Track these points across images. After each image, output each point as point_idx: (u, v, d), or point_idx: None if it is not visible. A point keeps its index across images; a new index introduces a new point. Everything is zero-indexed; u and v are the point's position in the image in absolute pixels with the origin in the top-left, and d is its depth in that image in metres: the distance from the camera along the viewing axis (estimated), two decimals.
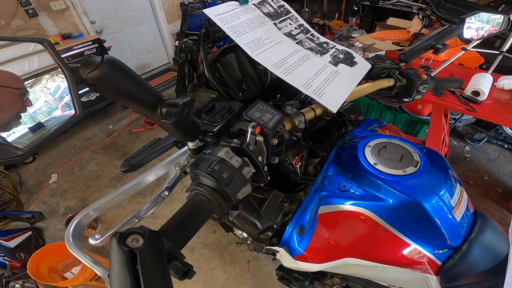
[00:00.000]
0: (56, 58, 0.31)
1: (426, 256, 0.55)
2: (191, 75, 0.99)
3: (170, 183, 0.47)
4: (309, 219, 0.53)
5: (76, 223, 0.42)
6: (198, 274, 1.71)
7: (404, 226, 0.54)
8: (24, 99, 0.33)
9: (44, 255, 1.49)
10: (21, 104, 0.33)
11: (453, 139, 2.53)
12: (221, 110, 0.44)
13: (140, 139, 3.00)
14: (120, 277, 0.19)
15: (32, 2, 2.93)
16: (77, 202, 2.31)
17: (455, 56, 1.55)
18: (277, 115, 0.43)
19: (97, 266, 0.37)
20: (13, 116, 0.33)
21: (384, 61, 0.68)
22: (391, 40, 2.75)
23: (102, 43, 3.11)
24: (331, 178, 0.59)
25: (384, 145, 0.59)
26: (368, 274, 0.65)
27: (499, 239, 0.55)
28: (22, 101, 0.33)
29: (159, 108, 0.32)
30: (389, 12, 3.83)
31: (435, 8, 2.41)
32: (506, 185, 2.09)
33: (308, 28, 0.68)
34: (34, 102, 0.34)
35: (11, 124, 0.33)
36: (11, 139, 0.33)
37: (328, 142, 0.77)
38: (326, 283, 0.85)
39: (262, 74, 1.02)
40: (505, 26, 0.88)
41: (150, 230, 0.22)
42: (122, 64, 0.29)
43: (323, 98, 0.52)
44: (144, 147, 0.60)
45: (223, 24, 0.54)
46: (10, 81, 0.32)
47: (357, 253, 0.57)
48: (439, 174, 0.55)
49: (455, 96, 1.47)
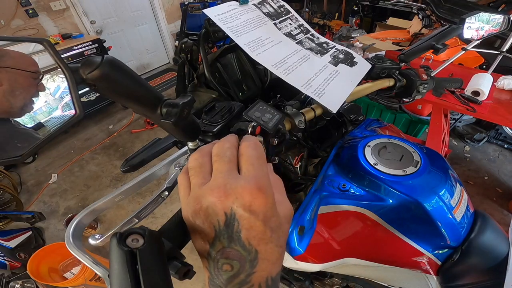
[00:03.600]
0: (56, 58, 0.31)
1: (426, 256, 0.55)
2: (191, 75, 0.99)
3: (170, 183, 0.47)
4: (309, 219, 0.53)
5: (76, 223, 0.42)
6: (198, 274, 1.70)
7: (404, 226, 0.54)
8: (38, 83, 0.32)
9: (44, 255, 1.49)
10: (35, 88, 0.32)
11: (453, 139, 2.53)
12: (221, 110, 0.44)
13: (140, 139, 3.00)
14: (120, 277, 0.19)
15: (32, 2, 2.93)
16: (77, 202, 2.31)
17: (455, 56, 1.55)
18: (277, 115, 0.43)
19: (97, 266, 0.37)
20: (27, 101, 0.32)
21: (384, 61, 0.68)
22: (391, 40, 2.75)
23: (102, 43, 3.12)
24: (331, 178, 0.59)
25: (384, 145, 0.59)
26: (368, 274, 0.65)
27: (499, 239, 0.55)
28: (36, 86, 0.32)
29: (159, 108, 0.32)
30: (389, 12, 3.83)
31: (435, 8, 2.41)
32: (506, 185, 2.09)
33: (308, 28, 0.68)
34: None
35: (25, 109, 0.32)
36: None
37: (328, 142, 0.77)
38: (326, 283, 0.85)
39: (262, 74, 1.02)
40: (505, 26, 0.88)
41: (150, 230, 0.22)
42: (122, 64, 0.29)
43: (323, 98, 0.52)
44: (144, 147, 0.60)
45: (223, 24, 0.54)
46: (26, 64, 0.31)
47: (357, 253, 0.57)
48: (439, 174, 0.55)
49: (455, 96, 1.47)
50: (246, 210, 0.22)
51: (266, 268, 0.23)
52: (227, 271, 0.22)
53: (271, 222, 0.24)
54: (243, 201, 0.23)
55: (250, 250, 0.22)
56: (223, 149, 0.27)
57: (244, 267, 0.22)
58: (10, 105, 0.31)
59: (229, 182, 0.24)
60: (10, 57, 0.31)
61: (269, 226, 0.23)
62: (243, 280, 0.22)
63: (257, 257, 0.23)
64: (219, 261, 0.23)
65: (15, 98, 0.31)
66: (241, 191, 0.23)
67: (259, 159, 0.26)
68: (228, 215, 0.23)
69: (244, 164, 0.26)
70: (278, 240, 0.24)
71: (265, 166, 0.26)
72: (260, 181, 0.24)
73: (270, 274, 0.23)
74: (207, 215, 0.23)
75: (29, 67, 0.32)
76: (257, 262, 0.22)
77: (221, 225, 0.23)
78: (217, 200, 0.23)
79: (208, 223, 0.23)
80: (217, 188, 0.23)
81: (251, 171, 0.25)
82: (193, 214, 0.25)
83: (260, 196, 0.23)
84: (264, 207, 0.23)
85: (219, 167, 0.26)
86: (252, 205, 0.23)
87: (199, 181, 0.25)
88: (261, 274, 0.23)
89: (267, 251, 0.23)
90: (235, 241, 0.22)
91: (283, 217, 0.26)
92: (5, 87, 0.30)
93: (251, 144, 0.28)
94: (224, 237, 0.23)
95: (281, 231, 0.25)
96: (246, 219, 0.23)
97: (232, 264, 0.22)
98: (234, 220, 0.23)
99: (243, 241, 0.22)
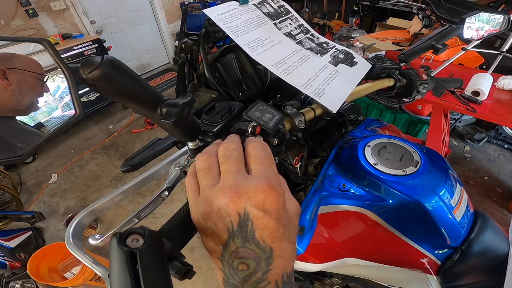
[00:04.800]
0: (56, 58, 0.32)
1: (426, 256, 0.55)
2: (191, 75, 0.99)
3: (170, 183, 0.47)
4: (309, 219, 0.53)
5: (76, 223, 0.42)
6: (198, 274, 1.71)
7: (404, 226, 0.54)
8: (43, 85, 0.35)
9: (44, 255, 1.49)
10: (41, 89, 0.35)
11: (453, 139, 2.53)
12: (221, 110, 0.44)
13: (140, 139, 3.00)
14: (120, 277, 0.19)
15: (32, 2, 2.93)
16: (77, 202, 2.31)
17: (455, 56, 1.55)
18: (277, 115, 0.43)
19: (97, 266, 0.37)
20: (33, 100, 0.35)
21: (384, 61, 0.68)
22: (391, 40, 2.75)
23: (102, 43, 3.12)
24: (331, 178, 0.59)
25: (384, 145, 0.59)
26: (368, 274, 0.65)
27: (499, 239, 0.55)
28: (42, 87, 0.35)
29: (159, 108, 0.32)
30: (389, 12, 3.84)
31: (435, 8, 2.41)
32: (506, 185, 2.09)
33: (308, 28, 0.68)
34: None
35: (31, 108, 0.35)
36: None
37: (328, 142, 0.77)
38: (326, 283, 0.85)
39: (262, 74, 1.02)
40: (505, 26, 0.88)
41: (150, 230, 0.22)
42: (122, 64, 0.29)
43: (323, 98, 0.52)
44: (144, 147, 0.60)
45: (223, 24, 0.54)
46: (33, 66, 0.34)
47: (357, 253, 0.57)
48: (439, 174, 0.55)
49: (455, 96, 1.47)
50: (260, 209, 0.23)
51: (281, 265, 0.23)
52: (243, 270, 0.22)
53: (283, 219, 0.24)
54: (256, 200, 0.23)
55: (265, 249, 0.23)
56: (229, 150, 0.27)
57: (260, 266, 0.22)
58: (18, 103, 0.33)
59: (240, 182, 0.24)
60: (19, 60, 0.34)
61: (281, 224, 0.24)
62: (260, 278, 0.22)
63: (272, 254, 0.23)
64: (234, 261, 0.23)
65: (23, 97, 0.33)
66: (253, 191, 0.23)
67: (267, 158, 0.27)
68: (242, 215, 0.23)
69: (253, 164, 0.26)
70: (290, 236, 0.25)
71: (274, 166, 0.27)
72: (271, 180, 0.24)
73: (285, 270, 0.24)
74: (219, 216, 0.23)
75: (35, 69, 0.34)
76: (272, 259, 0.23)
77: (235, 225, 0.23)
78: (229, 201, 0.23)
79: (221, 224, 0.23)
80: (228, 189, 0.24)
81: (261, 170, 0.25)
82: (204, 216, 0.25)
83: (273, 194, 0.23)
84: (276, 205, 0.24)
85: (227, 168, 0.26)
86: (265, 203, 0.23)
87: (209, 183, 0.26)
88: (277, 271, 0.23)
89: (281, 248, 0.23)
90: (250, 240, 0.23)
91: (292, 213, 0.26)
92: (14, 86, 0.32)
93: (258, 144, 0.28)
94: (238, 238, 0.23)
95: (292, 227, 0.25)
96: (260, 218, 0.23)
97: (248, 263, 0.22)
98: (248, 220, 0.23)
99: (257, 240, 0.23)
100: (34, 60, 0.34)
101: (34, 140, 0.34)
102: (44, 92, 0.35)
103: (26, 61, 0.34)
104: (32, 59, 0.34)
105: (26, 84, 0.33)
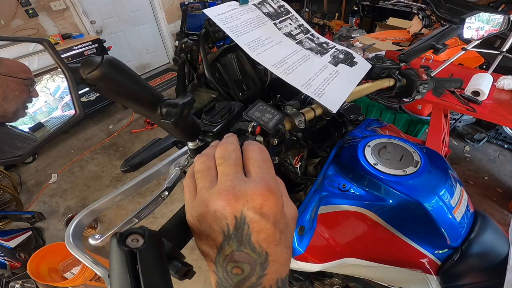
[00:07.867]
0: (56, 58, 0.31)
1: (426, 256, 0.55)
2: (191, 75, 0.99)
3: (170, 183, 0.47)
4: (309, 219, 0.53)
5: (76, 223, 0.42)
6: (198, 274, 1.71)
7: (404, 226, 0.54)
8: (30, 89, 0.33)
9: (44, 255, 1.49)
10: (27, 94, 0.33)
11: (453, 139, 2.53)
12: (221, 110, 0.44)
13: (140, 139, 3.00)
14: (120, 277, 0.19)
15: (32, 2, 2.93)
16: (77, 202, 2.31)
17: (455, 56, 1.55)
18: (277, 115, 0.43)
19: (97, 266, 0.37)
20: (19, 106, 0.33)
21: (384, 61, 0.68)
22: (391, 40, 2.75)
23: (102, 43, 3.12)
24: (331, 178, 0.59)
25: (384, 145, 0.59)
26: (368, 274, 0.65)
27: (499, 239, 0.55)
28: (28, 92, 0.33)
29: (159, 108, 0.32)
30: (389, 12, 3.84)
31: (435, 8, 2.41)
32: (506, 185, 2.09)
33: (308, 28, 0.68)
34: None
35: (18, 114, 0.33)
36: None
37: (328, 142, 0.77)
38: (326, 283, 0.85)
39: (262, 74, 1.02)
40: (505, 26, 0.88)
41: (150, 230, 0.22)
42: (122, 64, 0.29)
43: (323, 98, 0.52)
44: (144, 147, 0.60)
45: (223, 24, 0.54)
46: (18, 71, 0.33)
47: (357, 253, 0.57)
48: (439, 174, 0.55)
49: (455, 96, 1.47)
50: (257, 213, 0.22)
51: (276, 270, 0.23)
52: (237, 274, 0.22)
53: (280, 223, 0.24)
54: (254, 203, 0.22)
55: (261, 253, 0.22)
56: (227, 151, 0.27)
57: (255, 270, 0.22)
58: (3, 110, 0.32)
59: (237, 184, 0.23)
60: (3, 64, 0.32)
61: (278, 228, 0.23)
62: (254, 283, 0.22)
63: (267, 259, 0.22)
64: (228, 265, 0.22)
65: (8, 103, 0.32)
66: (251, 194, 0.23)
67: (266, 162, 0.27)
68: (238, 218, 0.22)
69: (252, 167, 0.26)
70: (286, 241, 0.24)
71: (272, 169, 0.27)
72: (270, 183, 0.24)
73: (280, 275, 0.23)
74: (215, 219, 0.23)
75: (21, 74, 0.33)
76: (267, 264, 0.22)
77: (231, 228, 0.22)
78: (226, 203, 0.23)
79: (216, 227, 0.23)
80: (225, 191, 0.23)
81: (260, 173, 0.25)
82: (200, 218, 0.24)
83: (271, 198, 0.23)
84: (274, 209, 0.23)
85: (225, 170, 0.25)
86: (263, 207, 0.22)
87: (206, 184, 0.25)
88: (272, 276, 0.23)
89: (277, 253, 0.23)
90: (245, 244, 0.22)
91: (290, 218, 0.26)
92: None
93: (256, 147, 0.28)
94: (233, 241, 0.22)
95: (288, 231, 0.25)
96: (257, 222, 0.22)
97: (243, 268, 0.22)
98: (244, 223, 0.22)
99: (253, 244, 0.22)
100: (21, 64, 0.33)
101: (28, 142, 0.33)
102: (33, 98, 0.33)
103: (12, 65, 0.32)
104: (19, 62, 0.33)
105: (10, 90, 0.32)
